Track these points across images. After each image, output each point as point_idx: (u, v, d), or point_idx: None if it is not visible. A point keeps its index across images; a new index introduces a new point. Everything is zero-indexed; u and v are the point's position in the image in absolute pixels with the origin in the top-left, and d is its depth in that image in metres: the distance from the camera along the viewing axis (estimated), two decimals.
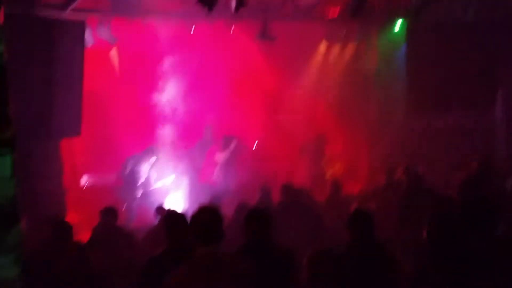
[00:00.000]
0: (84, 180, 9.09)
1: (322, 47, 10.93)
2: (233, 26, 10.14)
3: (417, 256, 3.99)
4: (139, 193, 8.59)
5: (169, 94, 10.36)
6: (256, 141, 10.56)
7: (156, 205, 7.31)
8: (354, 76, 10.81)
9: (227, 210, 6.97)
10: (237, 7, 6.84)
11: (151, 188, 8.74)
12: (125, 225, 7.64)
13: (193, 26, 9.80)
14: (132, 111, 9.92)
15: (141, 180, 8.62)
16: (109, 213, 6.08)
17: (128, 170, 8.51)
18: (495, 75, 9.01)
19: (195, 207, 3.65)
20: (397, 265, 4.14)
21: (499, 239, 3.74)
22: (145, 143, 9.28)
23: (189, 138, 10.40)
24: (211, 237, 3.39)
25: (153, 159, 8.79)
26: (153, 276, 3.82)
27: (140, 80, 10.27)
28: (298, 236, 5.54)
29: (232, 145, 9.30)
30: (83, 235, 6.52)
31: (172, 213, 4.40)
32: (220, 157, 9.36)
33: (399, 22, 9.84)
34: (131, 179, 8.50)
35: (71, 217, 7.36)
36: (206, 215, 3.47)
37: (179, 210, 4.39)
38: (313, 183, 9.36)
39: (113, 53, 9.84)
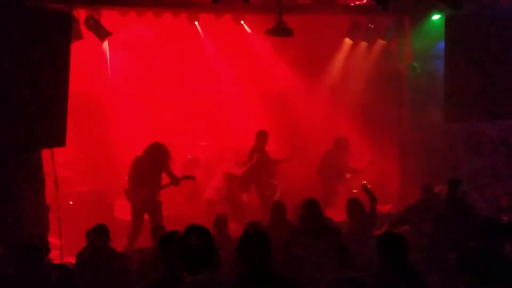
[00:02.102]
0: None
1: (346, 44, 10.93)
2: (242, 20, 10.21)
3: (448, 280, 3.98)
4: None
5: (167, 96, 10.49)
6: None
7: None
8: (383, 78, 10.78)
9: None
10: None
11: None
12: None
13: (196, 22, 9.88)
14: (126, 115, 10.03)
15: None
16: (99, 233, 6.08)
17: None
18: None
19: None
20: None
21: None
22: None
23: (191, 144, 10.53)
24: (199, 263, 3.30)
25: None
26: None
27: (135, 81, 10.39)
28: (320, 256, 5.52)
29: (255, 158, 9.13)
30: (67, 260, 6.54)
31: (168, 235, 4.33)
32: (239, 172, 9.26)
33: (437, 15, 9.82)
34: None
35: (55, 239, 7.41)
36: (195, 237, 3.36)
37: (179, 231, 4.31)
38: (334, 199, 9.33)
39: (105, 49, 9.96)
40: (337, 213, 8.05)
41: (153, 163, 8.21)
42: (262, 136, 9.63)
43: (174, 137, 10.33)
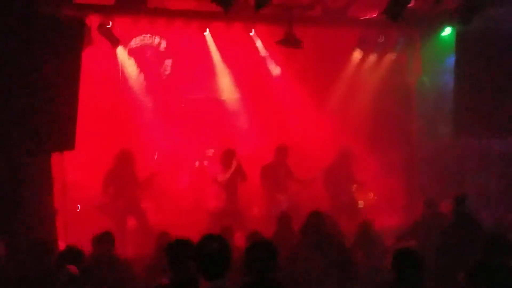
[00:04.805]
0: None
1: (355, 56, 10.98)
2: (253, 29, 10.28)
3: None
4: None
5: (176, 103, 10.56)
6: None
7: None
8: (392, 91, 10.81)
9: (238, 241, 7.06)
10: (258, 6, 6.93)
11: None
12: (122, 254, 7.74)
13: (207, 29, 9.97)
14: (136, 121, 10.09)
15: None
16: (104, 240, 6.12)
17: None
18: None
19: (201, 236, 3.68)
20: None
21: None
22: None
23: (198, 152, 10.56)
24: (217, 269, 3.43)
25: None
26: None
27: (145, 88, 10.47)
28: (324, 271, 5.53)
29: (234, 164, 9.05)
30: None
31: (176, 241, 4.42)
32: (223, 178, 9.11)
33: (447, 29, 9.86)
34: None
35: (61, 243, 7.45)
36: (214, 245, 3.52)
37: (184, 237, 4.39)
38: (340, 212, 9.32)
39: (118, 55, 10.04)
40: (343, 225, 8.05)
41: (124, 169, 8.74)
42: (281, 151, 9.63)
43: (181, 145, 10.41)
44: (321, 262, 5.82)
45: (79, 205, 9.16)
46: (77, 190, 9.06)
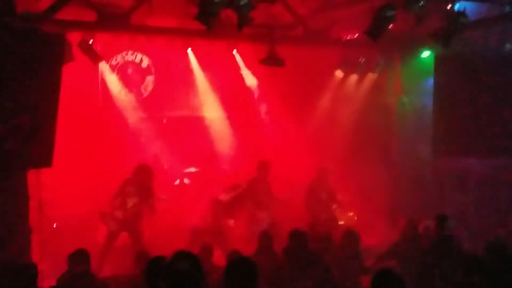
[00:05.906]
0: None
1: (337, 76, 11.08)
2: (235, 48, 10.33)
3: None
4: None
5: (156, 121, 10.52)
6: None
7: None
8: (373, 111, 10.91)
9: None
10: (241, 25, 6.98)
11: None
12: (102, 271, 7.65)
13: (189, 48, 10.00)
14: (117, 138, 10.01)
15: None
16: (80, 258, 6.02)
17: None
18: None
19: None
20: None
21: None
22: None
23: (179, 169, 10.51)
24: None
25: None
26: None
27: (127, 105, 10.43)
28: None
29: (243, 187, 9.10)
30: (48, 283, 6.44)
31: (155, 260, 4.35)
32: (225, 198, 9.16)
33: (426, 51, 10.01)
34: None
35: (35, 262, 7.31)
36: (184, 263, 3.43)
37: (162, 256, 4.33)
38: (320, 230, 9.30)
39: (98, 72, 10.00)
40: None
41: (140, 185, 8.66)
42: (263, 166, 9.66)
43: (162, 162, 10.35)
44: (305, 281, 5.80)
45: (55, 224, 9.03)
46: (53, 208, 8.93)
